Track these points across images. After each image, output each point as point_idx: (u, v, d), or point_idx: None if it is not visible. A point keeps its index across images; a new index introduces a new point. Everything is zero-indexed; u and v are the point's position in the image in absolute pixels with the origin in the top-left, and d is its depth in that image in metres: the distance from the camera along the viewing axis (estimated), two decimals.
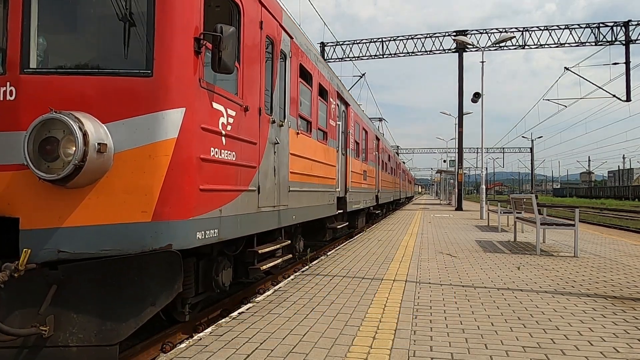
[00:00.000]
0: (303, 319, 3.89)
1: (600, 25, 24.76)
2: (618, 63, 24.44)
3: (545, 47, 26.03)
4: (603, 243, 9.87)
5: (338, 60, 28.28)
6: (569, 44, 25.24)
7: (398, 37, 27.54)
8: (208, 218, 3.76)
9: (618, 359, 3.00)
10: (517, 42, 25.73)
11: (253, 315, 4.01)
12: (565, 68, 26.07)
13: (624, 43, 24.23)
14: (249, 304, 4.44)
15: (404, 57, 28.00)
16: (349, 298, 4.64)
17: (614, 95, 25.75)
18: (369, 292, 4.92)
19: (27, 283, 3.06)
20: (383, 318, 3.91)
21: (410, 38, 27.39)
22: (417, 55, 27.94)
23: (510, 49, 26.46)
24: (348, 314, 4.04)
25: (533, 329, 3.63)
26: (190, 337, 4.29)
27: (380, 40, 27.62)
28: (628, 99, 25.00)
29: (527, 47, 26.01)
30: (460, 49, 25.30)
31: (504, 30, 25.49)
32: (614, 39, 24.46)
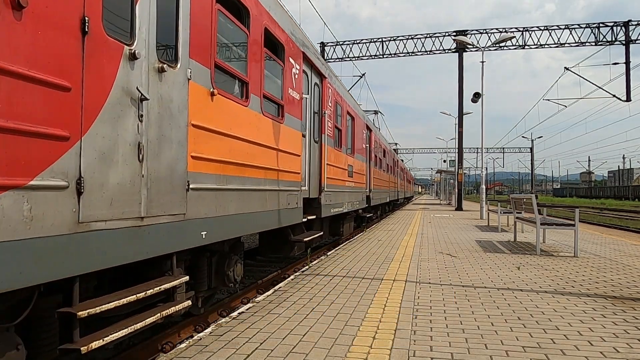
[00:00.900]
0: (303, 319, 3.89)
1: (600, 25, 24.75)
2: (618, 63, 24.43)
3: (545, 47, 26.01)
4: (603, 243, 9.87)
5: (338, 60, 28.28)
6: (569, 44, 25.23)
7: (398, 37, 27.54)
8: None
9: (618, 359, 3.00)
10: (517, 42, 25.73)
11: (253, 315, 4.01)
12: (565, 68, 26.07)
13: (624, 43, 24.21)
14: (249, 304, 4.44)
15: (404, 57, 28.01)
16: (349, 298, 4.64)
17: (614, 95, 25.74)
18: (369, 292, 4.92)
19: None
20: (383, 318, 3.91)
21: (410, 38, 27.39)
22: (417, 55, 27.92)
23: (510, 49, 26.46)
24: (348, 314, 4.04)
25: (533, 329, 3.63)
26: (190, 337, 4.30)
27: (380, 40, 27.61)
28: (628, 99, 24.99)
29: (527, 47, 26.00)
30: (460, 49, 25.30)
31: (504, 30, 25.49)
32: (614, 39, 24.45)
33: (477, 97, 22.08)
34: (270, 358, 2.99)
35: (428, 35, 27.19)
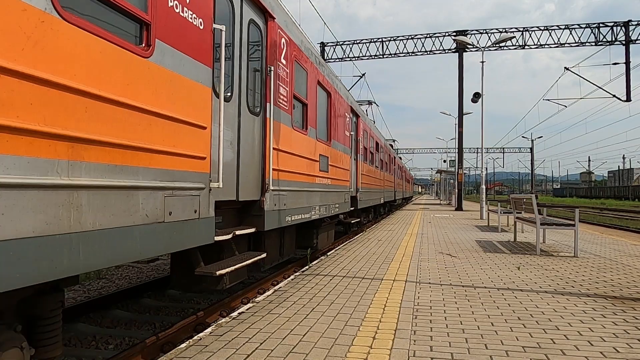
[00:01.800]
0: (303, 319, 3.89)
1: (600, 25, 24.76)
2: (618, 63, 24.42)
3: (545, 47, 26.01)
4: (603, 243, 9.87)
5: (338, 60, 28.28)
6: (569, 44, 25.23)
7: (398, 37, 27.54)
8: None
9: (618, 359, 3.00)
10: (517, 42, 25.73)
11: (253, 315, 4.01)
12: (565, 68, 26.06)
13: (624, 43, 24.22)
14: (249, 304, 4.44)
15: (404, 57, 27.99)
16: (349, 298, 4.64)
17: (614, 95, 25.74)
18: (369, 292, 4.92)
19: None
20: (383, 318, 3.91)
21: (410, 38, 27.39)
22: (417, 55, 27.93)
23: (510, 49, 26.43)
24: (348, 314, 4.04)
25: (533, 329, 3.63)
26: (190, 337, 4.30)
27: (380, 40, 27.62)
28: (628, 99, 24.99)
29: (527, 47, 25.99)
30: (460, 49, 25.30)
31: (504, 30, 25.50)
32: (614, 39, 24.45)
33: (477, 97, 22.09)
34: (271, 358, 2.99)
35: (428, 35, 27.20)
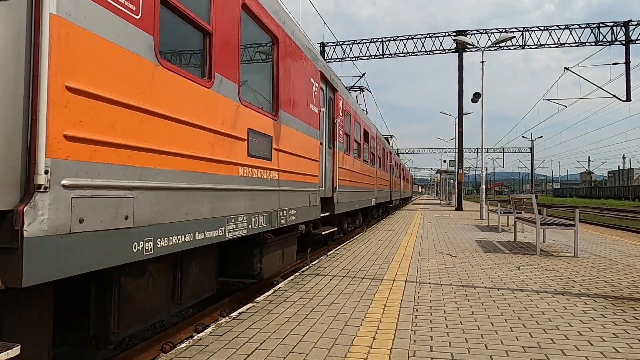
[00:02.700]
0: (303, 319, 3.89)
1: (600, 25, 24.75)
2: (618, 63, 24.40)
3: (545, 47, 26.00)
4: (603, 243, 9.87)
5: (338, 60, 28.28)
6: (569, 44, 25.22)
7: (398, 37, 27.54)
8: None
9: (618, 359, 3.00)
10: (517, 42, 25.72)
11: (253, 315, 4.01)
12: (565, 68, 26.03)
13: (624, 43, 24.21)
14: (249, 304, 4.44)
15: (404, 57, 27.99)
16: (349, 298, 4.64)
17: (614, 95, 25.72)
18: (369, 292, 4.92)
19: None
20: (383, 318, 3.91)
21: (410, 38, 27.39)
22: (417, 55, 27.93)
23: (510, 49, 26.43)
24: (348, 314, 4.04)
25: (533, 329, 3.63)
26: (190, 337, 4.30)
27: (380, 40, 27.61)
28: (628, 99, 24.97)
29: (527, 47, 25.99)
30: (460, 49, 25.29)
31: (504, 30, 25.49)
32: (614, 39, 24.44)
33: (477, 97, 22.08)
34: (270, 358, 2.99)
35: (428, 35, 27.19)
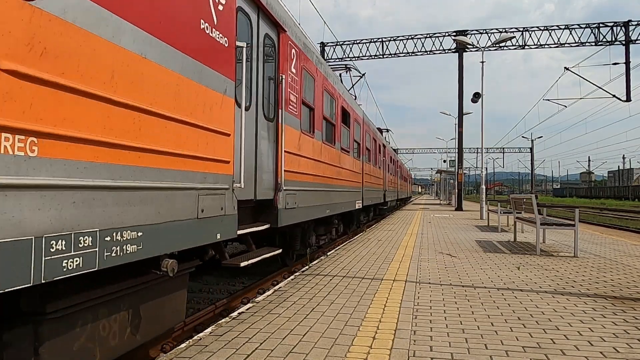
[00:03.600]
0: (303, 319, 3.89)
1: (600, 26, 24.75)
2: (618, 63, 24.41)
3: (545, 47, 26.00)
4: (603, 243, 9.87)
5: (338, 60, 28.27)
6: (569, 44, 25.23)
7: (398, 37, 27.54)
8: None
9: (618, 359, 3.00)
10: (516, 42, 25.72)
11: (253, 315, 4.01)
12: (565, 68, 26.04)
13: (624, 43, 24.21)
14: (249, 304, 4.44)
15: (404, 57, 27.99)
16: (349, 298, 4.64)
17: (614, 95, 25.73)
18: (369, 292, 4.92)
19: None
20: (383, 318, 3.91)
21: (410, 38, 27.39)
22: (417, 55, 27.93)
23: (510, 49, 26.43)
24: (348, 314, 4.04)
25: (533, 329, 3.63)
26: (190, 337, 4.30)
27: (380, 40, 27.62)
28: (628, 99, 24.98)
29: (526, 47, 25.99)
30: (460, 49, 25.29)
31: (504, 30, 25.49)
32: (614, 39, 24.44)
33: (477, 97, 22.09)
34: (270, 358, 2.99)
35: (428, 35, 27.20)
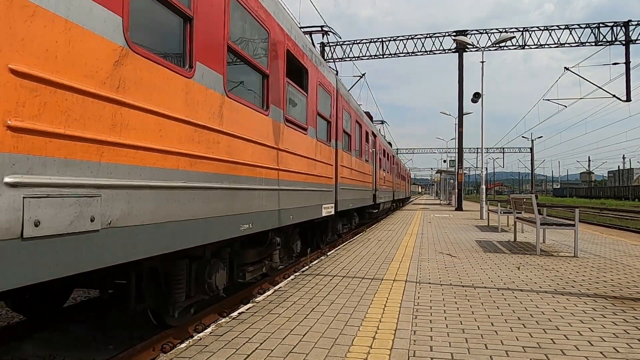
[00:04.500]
0: (303, 319, 3.89)
1: (600, 26, 24.75)
2: (618, 63, 24.40)
3: (545, 47, 26.00)
4: (603, 243, 9.87)
5: (338, 60, 28.27)
6: (569, 44, 25.22)
7: (398, 37, 27.54)
8: None
9: (618, 359, 3.00)
10: (516, 42, 25.72)
11: (253, 315, 4.01)
12: (565, 68, 26.05)
13: (624, 43, 24.20)
14: (249, 304, 4.44)
15: (404, 57, 27.98)
16: (349, 298, 4.64)
17: (614, 95, 25.73)
18: (369, 292, 4.92)
19: None
20: (383, 318, 3.91)
21: (410, 38, 27.39)
22: (417, 55, 27.93)
23: (510, 49, 26.42)
24: (348, 314, 4.04)
25: (533, 329, 3.63)
26: (190, 337, 4.30)
27: (380, 40, 27.61)
28: (628, 99, 24.97)
29: (526, 47, 25.98)
30: (460, 49, 25.29)
31: (504, 30, 25.49)
32: (614, 39, 24.44)
33: (477, 97, 22.07)
34: (270, 358, 2.99)
35: (428, 35, 27.19)
